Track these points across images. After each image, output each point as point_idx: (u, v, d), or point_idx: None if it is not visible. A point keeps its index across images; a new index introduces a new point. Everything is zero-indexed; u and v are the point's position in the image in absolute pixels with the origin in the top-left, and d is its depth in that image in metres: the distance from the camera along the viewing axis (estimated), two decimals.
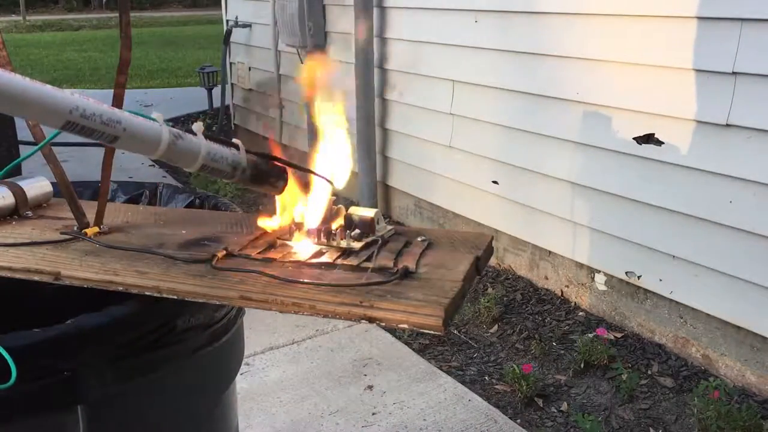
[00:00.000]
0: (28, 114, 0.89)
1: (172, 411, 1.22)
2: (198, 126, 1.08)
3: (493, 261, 3.59)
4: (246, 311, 1.36)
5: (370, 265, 1.12)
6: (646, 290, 2.87)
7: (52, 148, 1.27)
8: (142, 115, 1.02)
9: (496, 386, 2.67)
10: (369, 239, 1.20)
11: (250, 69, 5.89)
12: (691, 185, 2.59)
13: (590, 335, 2.88)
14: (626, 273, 2.90)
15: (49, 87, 0.89)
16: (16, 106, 0.86)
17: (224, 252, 1.17)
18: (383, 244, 1.21)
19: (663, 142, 2.66)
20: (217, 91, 6.54)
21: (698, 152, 2.55)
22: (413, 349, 2.89)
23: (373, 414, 2.46)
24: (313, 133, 1.30)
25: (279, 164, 1.19)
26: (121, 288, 1.10)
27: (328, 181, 1.22)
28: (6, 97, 0.84)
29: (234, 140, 1.14)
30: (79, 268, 1.15)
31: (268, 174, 1.17)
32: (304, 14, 4.50)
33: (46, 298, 1.32)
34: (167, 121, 1.05)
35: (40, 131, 1.26)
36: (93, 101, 0.93)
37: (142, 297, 1.09)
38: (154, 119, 1.02)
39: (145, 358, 1.11)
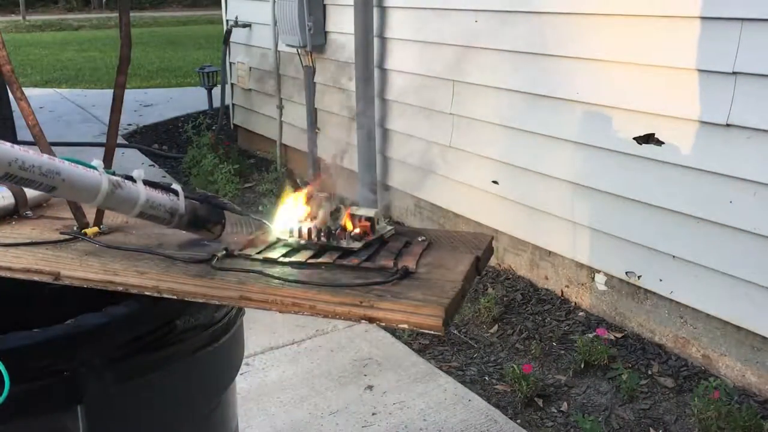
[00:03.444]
0: None
1: (172, 411, 1.22)
2: (138, 173, 1.11)
3: (493, 261, 3.59)
4: (246, 311, 1.36)
5: (370, 265, 1.12)
6: (646, 290, 2.87)
7: (52, 147, 1.27)
8: (83, 164, 1.03)
9: (496, 386, 2.67)
10: (369, 239, 1.20)
11: (250, 69, 5.89)
12: (691, 185, 2.59)
13: (590, 335, 2.87)
14: (626, 273, 2.90)
15: None
16: None
17: (224, 252, 1.17)
18: (383, 244, 1.21)
19: (663, 142, 2.66)
20: (217, 91, 6.53)
21: (698, 152, 2.55)
22: (413, 349, 2.89)
23: (373, 414, 2.46)
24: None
25: (217, 208, 1.21)
26: (121, 288, 1.10)
27: (265, 222, 1.24)
28: None
29: (173, 186, 1.17)
30: (78, 268, 1.15)
31: (205, 220, 1.20)
32: (304, 14, 4.50)
33: (46, 298, 1.32)
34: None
35: (40, 131, 1.26)
36: (33, 153, 0.96)
37: (142, 297, 1.09)
38: (94, 167, 1.04)
39: (145, 358, 1.11)
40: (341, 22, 4.42)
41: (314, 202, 1.25)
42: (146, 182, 1.11)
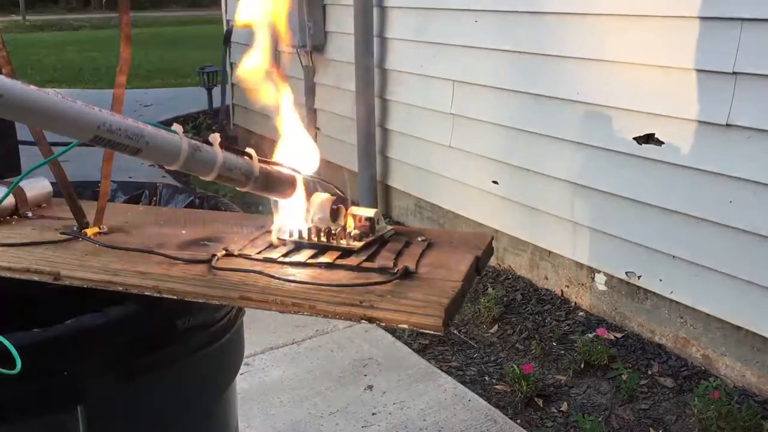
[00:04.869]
0: (59, 129, 0.95)
1: (172, 411, 1.22)
2: (214, 137, 1.13)
3: (493, 261, 3.59)
4: (246, 311, 1.36)
5: (370, 265, 1.11)
6: (646, 290, 2.87)
7: (52, 148, 1.27)
8: (163, 128, 1.06)
9: (496, 386, 2.67)
10: (369, 239, 1.20)
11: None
12: (691, 185, 2.59)
13: (590, 335, 2.88)
14: (626, 273, 2.90)
15: (79, 103, 0.94)
16: (48, 122, 0.92)
17: (224, 252, 1.17)
18: (383, 244, 1.21)
19: (663, 142, 2.66)
20: (217, 91, 6.54)
21: (698, 152, 2.55)
22: (413, 349, 2.89)
23: (373, 414, 2.46)
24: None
25: (288, 172, 1.23)
26: (121, 288, 1.10)
27: (335, 187, 1.24)
28: (39, 113, 0.90)
29: (247, 149, 1.18)
30: (78, 268, 1.15)
31: (277, 182, 1.22)
32: (304, 14, 4.50)
33: (46, 298, 1.32)
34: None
35: (41, 131, 1.26)
36: (119, 117, 0.99)
37: (142, 297, 1.09)
38: (174, 131, 1.07)
39: (145, 358, 1.11)
40: (341, 22, 4.42)
41: (314, 202, 1.25)
42: (222, 146, 1.14)
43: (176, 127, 1.08)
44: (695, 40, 2.48)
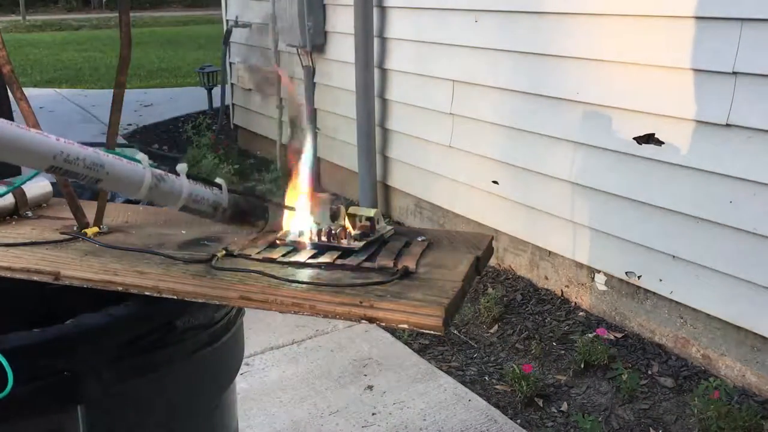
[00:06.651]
0: (12, 158, 0.91)
1: (172, 411, 1.22)
2: (182, 167, 1.11)
3: (493, 261, 3.59)
4: (246, 311, 1.36)
5: (370, 265, 1.11)
6: (646, 290, 2.87)
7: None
8: (127, 157, 1.04)
9: (496, 386, 2.67)
10: (369, 239, 1.20)
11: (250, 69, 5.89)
12: (691, 185, 2.59)
13: (590, 335, 2.87)
14: (626, 273, 2.90)
15: (34, 132, 0.91)
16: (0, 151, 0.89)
17: (224, 252, 1.17)
18: (383, 244, 1.21)
19: (663, 142, 2.66)
20: (217, 91, 6.53)
21: (698, 152, 2.55)
22: (413, 349, 2.89)
23: (373, 414, 2.46)
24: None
25: (260, 203, 1.21)
26: (120, 288, 1.10)
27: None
28: None
29: (217, 180, 1.17)
30: (78, 268, 1.15)
31: (247, 214, 1.20)
32: (304, 14, 4.50)
33: (46, 298, 1.32)
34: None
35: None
36: (77, 146, 0.96)
37: (142, 297, 1.09)
38: (138, 161, 1.04)
39: (145, 358, 1.11)
40: (341, 22, 4.42)
41: (315, 203, 1.25)
42: (190, 176, 1.11)
43: (141, 156, 1.05)
44: (695, 40, 2.48)
